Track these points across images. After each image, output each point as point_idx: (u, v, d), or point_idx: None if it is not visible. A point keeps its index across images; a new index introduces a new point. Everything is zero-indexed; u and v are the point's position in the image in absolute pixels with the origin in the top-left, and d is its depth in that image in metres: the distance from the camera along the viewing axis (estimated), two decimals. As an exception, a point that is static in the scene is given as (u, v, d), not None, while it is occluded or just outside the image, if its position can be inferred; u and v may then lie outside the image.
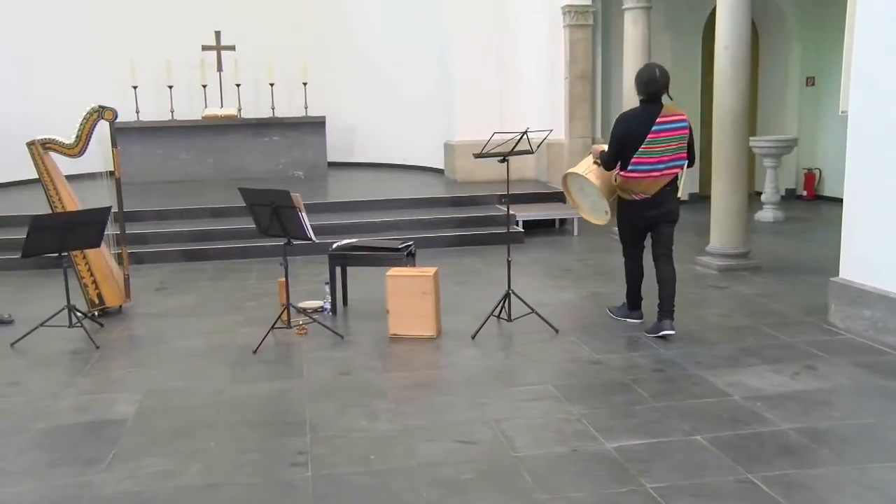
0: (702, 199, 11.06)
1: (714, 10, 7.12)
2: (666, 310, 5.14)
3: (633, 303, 5.53)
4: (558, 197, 9.94)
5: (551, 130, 6.01)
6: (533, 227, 9.17)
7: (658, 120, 4.97)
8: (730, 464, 3.40)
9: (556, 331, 5.33)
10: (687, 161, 5.12)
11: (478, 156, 5.36)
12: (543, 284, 6.72)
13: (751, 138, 8.65)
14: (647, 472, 3.34)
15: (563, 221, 9.57)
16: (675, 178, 5.13)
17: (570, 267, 7.43)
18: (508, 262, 5.55)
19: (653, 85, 5.02)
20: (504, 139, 5.22)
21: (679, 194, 5.23)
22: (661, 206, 5.12)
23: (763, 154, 9.92)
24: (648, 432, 3.74)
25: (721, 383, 4.34)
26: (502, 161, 5.38)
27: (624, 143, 5.03)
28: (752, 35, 8.08)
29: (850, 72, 5.25)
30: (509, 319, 5.51)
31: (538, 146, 5.69)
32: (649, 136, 4.95)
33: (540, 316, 5.42)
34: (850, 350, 4.85)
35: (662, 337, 5.10)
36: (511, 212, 6.19)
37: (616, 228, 5.61)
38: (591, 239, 8.79)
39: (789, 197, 11.23)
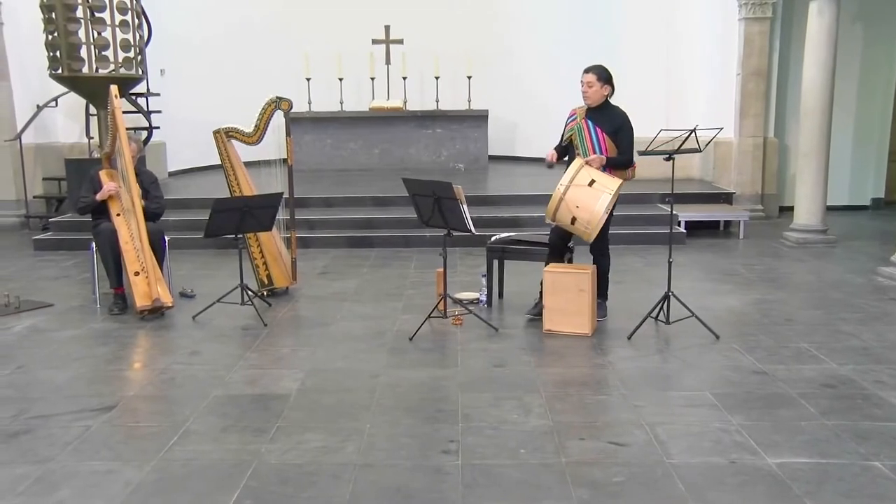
0: (887, 204, 10.24)
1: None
2: None
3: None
4: (724, 198, 9.52)
5: (721, 129, 5.76)
6: (696, 228, 8.83)
7: None
8: (913, 496, 3.12)
9: (717, 337, 5.11)
10: None
11: (643, 153, 5.25)
12: (705, 288, 6.45)
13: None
14: (814, 494, 3.13)
15: (727, 224, 9.15)
16: None
17: (735, 271, 7.10)
18: (669, 263, 5.37)
19: None
20: (670, 137, 5.07)
21: None
22: None
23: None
24: (817, 451, 3.50)
25: (903, 406, 4.00)
26: (668, 159, 5.23)
27: None
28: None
29: None
30: (667, 322, 5.35)
31: (706, 145, 5.49)
32: None
33: (700, 320, 5.22)
34: None
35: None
36: (674, 211, 5.99)
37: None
38: (758, 243, 8.36)
39: None
